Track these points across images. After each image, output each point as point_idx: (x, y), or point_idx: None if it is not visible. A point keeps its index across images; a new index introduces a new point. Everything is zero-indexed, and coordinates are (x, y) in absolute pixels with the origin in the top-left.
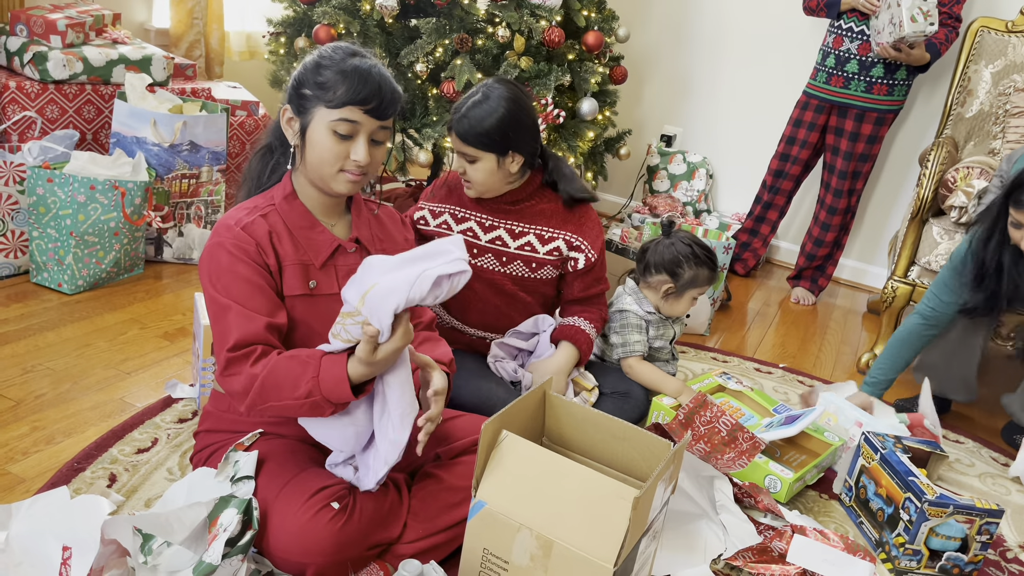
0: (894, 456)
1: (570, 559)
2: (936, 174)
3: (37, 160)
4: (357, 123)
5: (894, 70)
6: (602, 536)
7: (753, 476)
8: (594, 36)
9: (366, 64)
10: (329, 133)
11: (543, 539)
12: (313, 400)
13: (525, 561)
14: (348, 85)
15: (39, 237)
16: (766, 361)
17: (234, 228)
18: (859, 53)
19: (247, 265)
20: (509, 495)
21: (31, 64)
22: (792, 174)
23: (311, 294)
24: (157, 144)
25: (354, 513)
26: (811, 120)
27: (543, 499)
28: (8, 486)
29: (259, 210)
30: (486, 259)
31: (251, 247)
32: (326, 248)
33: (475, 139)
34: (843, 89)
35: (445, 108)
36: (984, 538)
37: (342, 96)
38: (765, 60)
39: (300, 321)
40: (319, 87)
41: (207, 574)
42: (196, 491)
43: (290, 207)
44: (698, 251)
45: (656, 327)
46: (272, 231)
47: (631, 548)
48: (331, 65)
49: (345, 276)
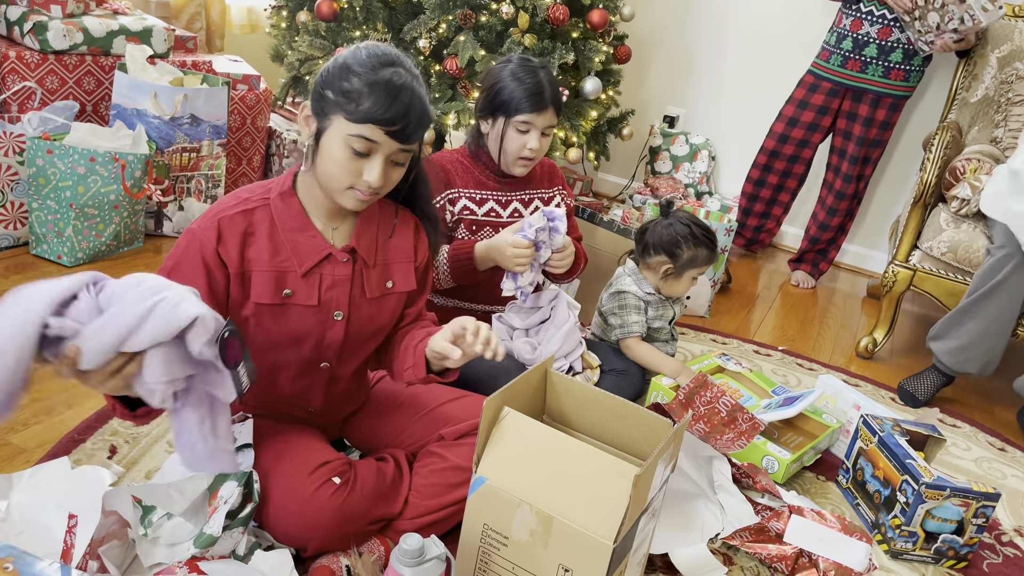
0: (892, 439)
1: (570, 535)
2: (939, 159)
3: (37, 131)
4: (376, 143)
5: (912, 56)
6: (602, 513)
7: (751, 457)
8: (599, 14)
9: (399, 80)
10: (344, 146)
11: (543, 515)
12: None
13: (525, 536)
14: (374, 100)
15: (39, 209)
16: (765, 343)
17: (209, 219)
18: (879, 37)
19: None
20: (510, 471)
21: (31, 34)
22: (804, 157)
23: (283, 303)
24: (158, 117)
25: (355, 488)
26: (823, 103)
27: (544, 476)
28: (8, 456)
29: (248, 203)
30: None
31: (209, 245)
32: (313, 254)
33: (559, 105)
34: (860, 73)
35: (448, 84)
36: (980, 521)
37: (364, 111)
38: (770, 42)
39: (270, 329)
40: (343, 94)
41: (208, 545)
42: None
43: (284, 205)
44: (696, 231)
45: (656, 308)
46: (248, 231)
47: (631, 525)
48: (361, 72)
49: (331, 288)
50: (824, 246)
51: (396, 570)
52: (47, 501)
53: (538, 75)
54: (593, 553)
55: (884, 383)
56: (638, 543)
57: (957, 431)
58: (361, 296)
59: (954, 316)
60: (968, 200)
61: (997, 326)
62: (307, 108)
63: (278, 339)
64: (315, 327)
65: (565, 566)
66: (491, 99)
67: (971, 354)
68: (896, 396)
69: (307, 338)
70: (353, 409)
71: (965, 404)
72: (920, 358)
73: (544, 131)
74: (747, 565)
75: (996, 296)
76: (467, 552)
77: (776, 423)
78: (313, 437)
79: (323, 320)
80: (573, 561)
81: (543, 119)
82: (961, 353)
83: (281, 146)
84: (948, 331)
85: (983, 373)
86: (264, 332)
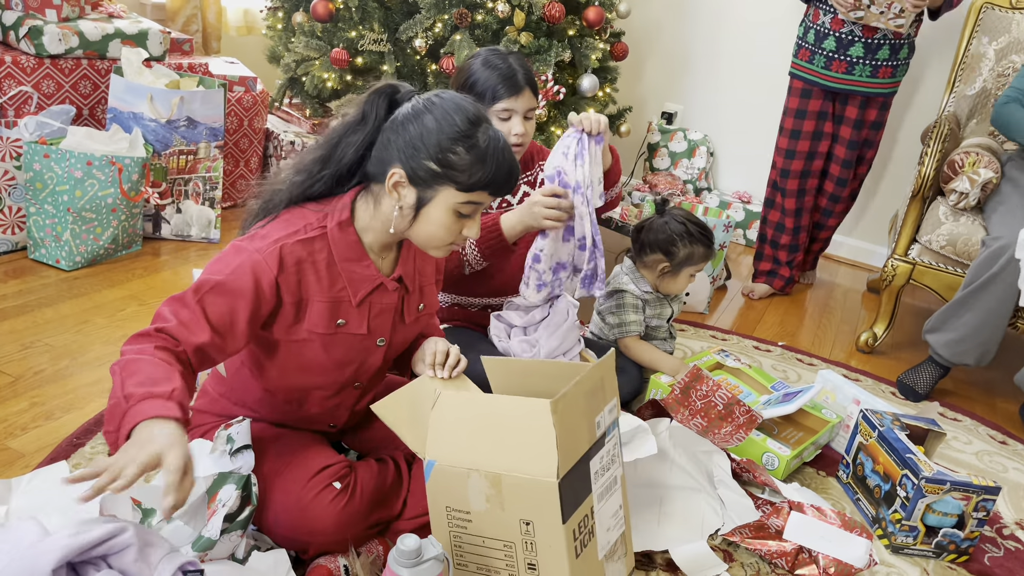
0: (892, 433)
1: (520, 486)
2: (937, 152)
3: (33, 135)
4: (480, 204)
5: (898, 49)
6: (537, 454)
7: (750, 453)
8: (595, 12)
9: (500, 143)
10: (452, 213)
11: (491, 475)
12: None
13: (483, 505)
14: (486, 171)
15: (36, 213)
16: (765, 339)
17: (270, 246)
18: (864, 35)
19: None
20: (452, 446)
21: (27, 38)
22: (815, 170)
23: (335, 332)
24: (154, 120)
25: (355, 492)
26: (820, 108)
27: (481, 440)
28: (8, 461)
29: (307, 231)
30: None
31: (269, 275)
32: (367, 284)
33: (535, 86)
34: (846, 75)
35: (444, 84)
36: (980, 515)
37: (477, 182)
38: (767, 38)
39: (318, 354)
40: (450, 167)
41: (206, 548)
42: (194, 462)
43: (342, 235)
44: (692, 228)
45: (653, 306)
46: (307, 260)
47: (575, 462)
48: (461, 139)
49: (378, 315)
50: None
51: (394, 571)
52: (46, 505)
53: (508, 60)
54: (543, 496)
55: (884, 377)
56: (602, 488)
57: (957, 425)
58: (400, 322)
59: (950, 308)
60: (966, 194)
61: (993, 317)
62: (398, 176)
63: (323, 365)
64: (359, 353)
65: (525, 519)
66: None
67: (968, 345)
68: (896, 391)
69: (350, 364)
70: (358, 419)
71: (965, 397)
72: (920, 352)
73: (526, 114)
74: (747, 561)
75: (991, 288)
76: (440, 538)
77: (776, 419)
78: (313, 440)
79: (368, 347)
80: (530, 512)
81: (522, 102)
82: (958, 345)
83: (279, 147)
84: (944, 323)
85: (980, 363)
86: (312, 357)
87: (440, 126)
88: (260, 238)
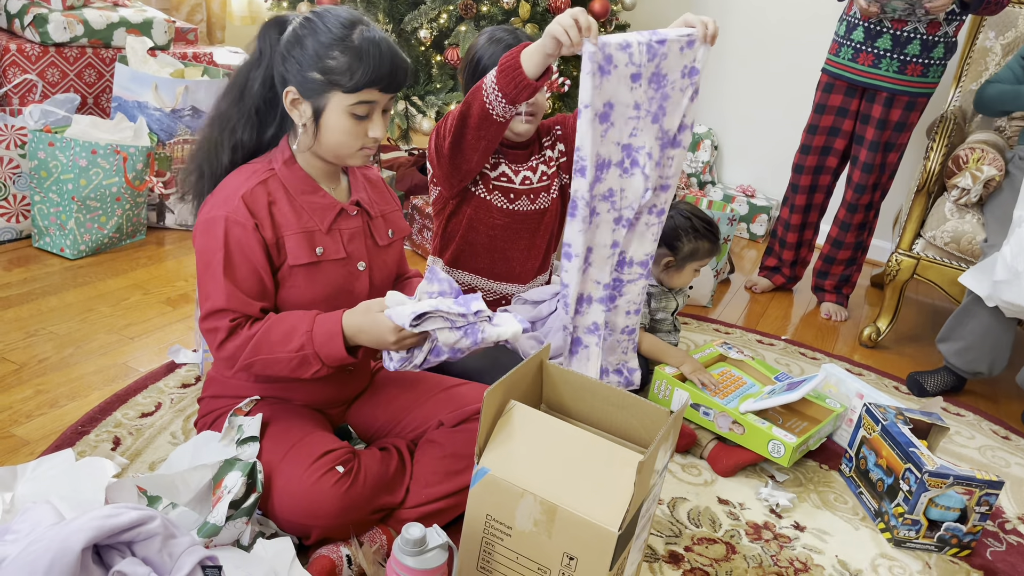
0: (895, 427)
1: (574, 524)
2: (943, 147)
3: (38, 124)
4: (374, 103)
5: (931, 47)
6: (607, 501)
7: (756, 441)
8: (600, 3)
9: (375, 38)
10: (348, 117)
11: (547, 504)
12: (303, 354)
13: (529, 527)
14: (364, 68)
15: (41, 201)
16: (768, 333)
17: (233, 199)
18: (893, 27)
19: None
20: (512, 461)
21: (31, 26)
22: (829, 167)
23: (317, 261)
24: (159, 109)
25: (359, 477)
26: (841, 104)
27: (547, 465)
28: (12, 448)
29: (259, 175)
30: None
31: (248, 224)
32: (329, 211)
33: None
34: (872, 68)
35: (449, 75)
36: (983, 509)
37: (359, 81)
38: (773, 31)
39: (304, 289)
40: (331, 72)
41: (211, 535)
42: (201, 454)
43: (290, 172)
44: (697, 223)
45: (658, 299)
46: (271, 200)
47: (635, 514)
48: (336, 43)
49: (350, 239)
50: (843, 267)
51: (398, 560)
52: (51, 493)
53: (516, 34)
54: (598, 541)
55: (888, 372)
56: (640, 528)
57: (961, 420)
58: (375, 245)
59: (956, 317)
60: (968, 190)
61: (998, 323)
62: (292, 93)
63: (314, 299)
64: (345, 280)
65: (570, 554)
66: (474, 70)
67: (977, 353)
68: (899, 385)
69: (339, 293)
70: (362, 386)
71: (969, 393)
72: (924, 347)
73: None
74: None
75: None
76: (470, 542)
77: (779, 409)
78: (318, 426)
79: (351, 272)
80: (578, 549)
81: None
82: (967, 353)
83: None
84: (952, 332)
85: (992, 372)
86: (299, 294)
87: (317, 37)
88: (222, 199)
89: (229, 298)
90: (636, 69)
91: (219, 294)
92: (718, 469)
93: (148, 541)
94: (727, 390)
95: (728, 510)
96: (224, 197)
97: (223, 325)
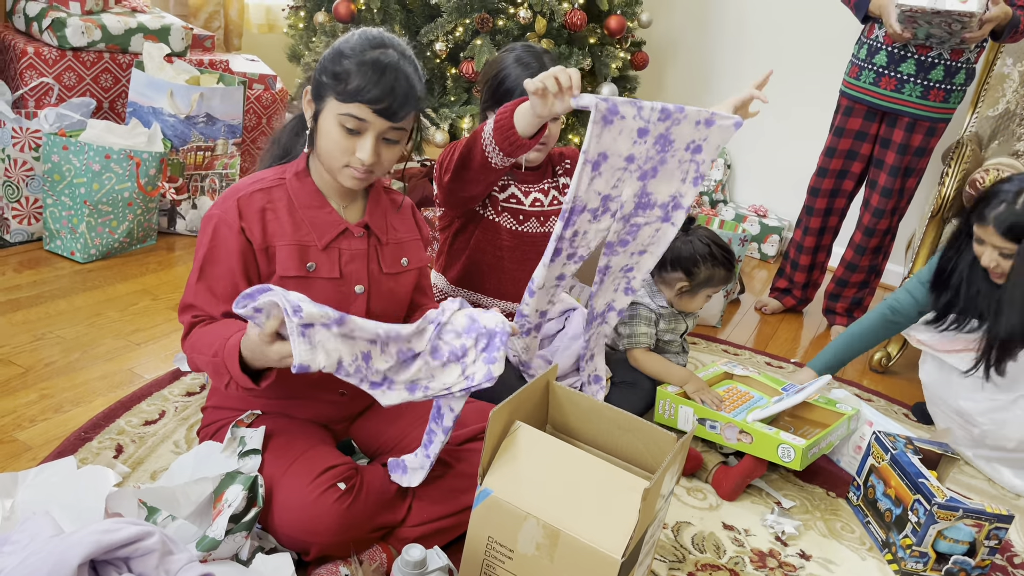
0: (904, 457)
1: (577, 549)
2: (959, 173)
3: (53, 127)
4: (365, 121)
5: (954, 73)
6: (610, 527)
7: (765, 449)
8: (616, 20)
9: (385, 59)
10: (337, 126)
11: (550, 528)
12: (216, 360)
13: (531, 550)
14: (360, 81)
15: (53, 204)
16: (777, 355)
17: (228, 200)
18: (918, 51)
19: (225, 246)
20: (516, 484)
21: (49, 30)
22: (845, 190)
23: (307, 276)
24: (173, 115)
25: (360, 494)
26: (860, 128)
27: (551, 489)
28: (15, 453)
29: (264, 183)
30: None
31: (234, 225)
32: (331, 229)
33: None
34: (895, 93)
35: (463, 88)
36: (992, 543)
37: (352, 91)
38: (789, 51)
39: None
40: (334, 77)
41: (210, 549)
42: (203, 464)
43: (300, 184)
44: (716, 251)
45: (668, 321)
46: (268, 207)
47: (639, 540)
48: (351, 55)
49: (349, 260)
50: (856, 291)
51: None
52: (51, 501)
53: (542, 59)
54: (601, 567)
55: (897, 398)
56: (643, 554)
57: None
58: (379, 271)
59: None
60: None
61: None
62: (308, 93)
63: None
64: (338, 302)
65: None
66: (495, 89)
67: None
68: (909, 412)
69: None
70: (367, 402)
71: None
72: None
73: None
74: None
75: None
76: (471, 564)
77: (789, 419)
78: (321, 440)
79: (345, 293)
80: (580, 575)
81: None
82: None
83: None
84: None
85: None
86: None
87: (340, 45)
88: (221, 199)
89: (197, 295)
90: (644, 124)
91: (190, 290)
92: (722, 493)
93: (145, 557)
94: (734, 405)
95: (733, 536)
96: (223, 197)
97: (187, 320)
